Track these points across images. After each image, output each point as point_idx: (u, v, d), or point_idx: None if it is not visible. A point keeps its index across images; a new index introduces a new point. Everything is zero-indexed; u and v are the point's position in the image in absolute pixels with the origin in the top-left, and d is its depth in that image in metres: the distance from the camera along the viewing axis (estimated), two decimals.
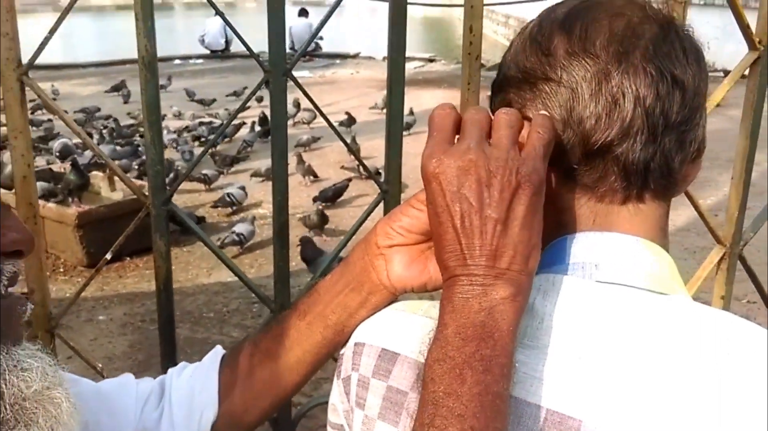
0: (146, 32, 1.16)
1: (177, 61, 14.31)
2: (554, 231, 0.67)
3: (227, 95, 9.51)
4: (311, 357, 0.82)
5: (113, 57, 13.14)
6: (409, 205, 0.73)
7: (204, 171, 5.83)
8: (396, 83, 1.29)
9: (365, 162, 1.74)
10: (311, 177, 6.11)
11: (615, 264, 0.64)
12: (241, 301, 3.71)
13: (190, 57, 14.58)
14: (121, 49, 11.79)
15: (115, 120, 7.61)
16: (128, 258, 4.12)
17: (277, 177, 1.28)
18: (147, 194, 1.27)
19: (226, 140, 7.35)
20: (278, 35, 1.23)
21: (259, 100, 7.66)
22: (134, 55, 1.18)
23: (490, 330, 0.57)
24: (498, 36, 19.01)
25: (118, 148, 6.37)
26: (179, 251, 4.34)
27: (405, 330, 0.70)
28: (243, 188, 5.45)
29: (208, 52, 14.73)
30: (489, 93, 0.74)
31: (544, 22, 0.67)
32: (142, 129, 7.10)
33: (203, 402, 0.85)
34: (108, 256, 1.39)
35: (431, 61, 13.69)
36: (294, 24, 12.83)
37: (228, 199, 5.23)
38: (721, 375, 0.56)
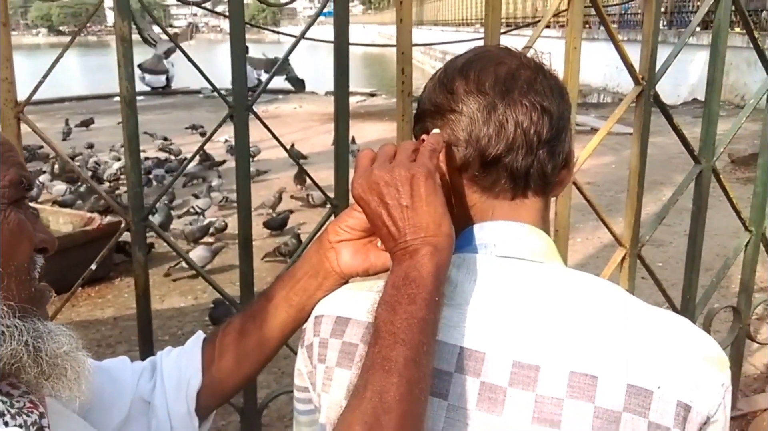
0: (127, 76, 1.36)
1: (116, 98, 14.27)
2: (464, 223, 0.88)
3: (186, 128, 9.73)
4: (278, 332, 1.01)
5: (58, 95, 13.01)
6: (352, 209, 0.94)
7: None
8: (342, 114, 1.52)
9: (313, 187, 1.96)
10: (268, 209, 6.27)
11: (507, 243, 0.85)
12: (195, 324, 3.83)
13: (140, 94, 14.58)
14: (62, 87, 11.68)
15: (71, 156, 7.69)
16: (80, 288, 4.18)
17: (242, 195, 1.49)
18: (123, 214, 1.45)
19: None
20: (240, 74, 1.45)
21: (202, 134, 7.83)
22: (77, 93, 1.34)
23: (413, 276, 0.76)
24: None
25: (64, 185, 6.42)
26: (130, 281, 4.41)
27: (353, 301, 0.90)
28: (209, 195, 5.53)
29: (148, 89, 14.72)
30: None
31: (448, 69, 0.90)
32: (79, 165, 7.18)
33: (189, 374, 1.01)
34: (80, 281, 1.53)
35: (372, 95, 14.06)
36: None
37: (193, 210, 5.34)
38: (572, 309, 0.79)
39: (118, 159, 8.17)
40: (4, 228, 0.75)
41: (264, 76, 13.56)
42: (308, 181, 6.24)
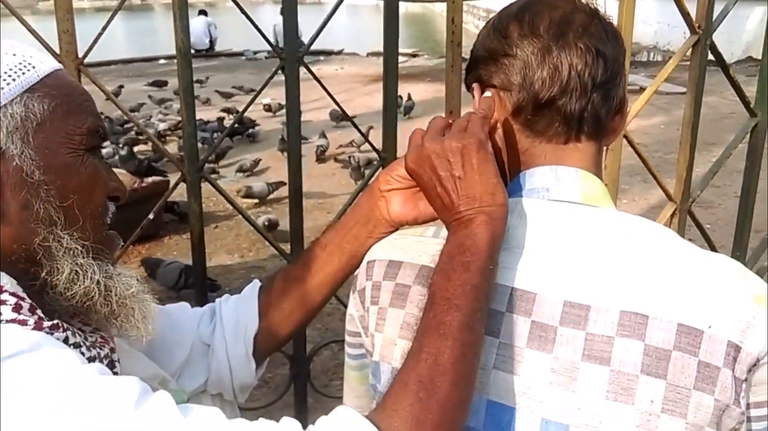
0: (182, 28, 1.39)
1: (162, 61, 14.40)
2: (516, 168, 0.89)
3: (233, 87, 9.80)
4: (331, 279, 1.05)
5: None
6: (402, 158, 0.95)
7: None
8: (391, 70, 1.53)
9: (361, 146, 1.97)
10: None
11: (560, 187, 0.86)
12: (241, 281, 3.93)
13: (173, 56, 14.67)
14: (106, 50, 11.86)
15: (108, 118, 7.78)
16: (131, 246, 4.31)
17: (293, 148, 1.52)
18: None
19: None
20: (292, 29, 1.47)
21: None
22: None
23: (468, 245, 0.78)
24: (479, 30, 19.30)
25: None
26: (179, 239, 4.56)
27: (404, 246, 0.93)
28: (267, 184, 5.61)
29: (192, 51, 14.83)
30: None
31: (502, 15, 0.91)
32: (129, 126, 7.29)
33: (247, 318, 1.06)
34: (133, 237, 1.58)
35: (414, 56, 13.91)
36: (277, 22, 13.01)
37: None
38: (623, 250, 0.80)
39: (163, 120, 8.33)
40: (81, 172, 0.79)
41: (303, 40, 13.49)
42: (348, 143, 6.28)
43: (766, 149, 1.99)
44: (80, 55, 1.40)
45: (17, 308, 0.71)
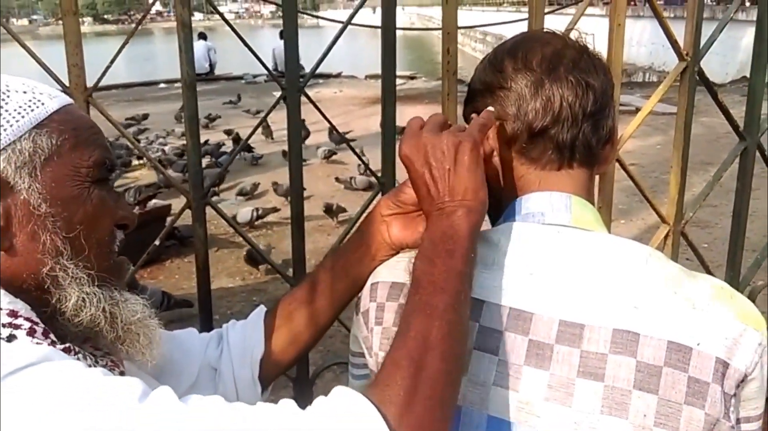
0: (187, 61, 1.44)
1: (162, 85, 14.53)
2: (512, 194, 0.94)
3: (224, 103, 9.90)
4: (336, 302, 1.08)
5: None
6: (402, 185, 1.00)
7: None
8: (388, 95, 1.58)
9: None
10: None
11: (553, 212, 0.90)
12: (244, 304, 3.96)
13: (175, 81, 14.80)
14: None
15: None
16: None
17: (295, 171, 1.56)
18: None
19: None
20: (293, 58, 1.52)
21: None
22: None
23: (451, 234, 0.83)
24: (476, 53, 19.48)
25: None
26: (180, 262, 4.60)
27: (405, 268, 0.95)
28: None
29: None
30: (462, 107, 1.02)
31: (497, 51, 0.96)
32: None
33: (253, 343, 1.09)
34: (140, 262, 1.61)
35: (412, 78, 14.06)
36: (276, 46, 13.13)
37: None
38: (615, 271, 0.85)
39: (164, 146, 8.38)
40: (87, 204, 0.82)
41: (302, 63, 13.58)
42: (348, 165, 6.35)
43: (766, 169, 2.04)
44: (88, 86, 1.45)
45: (31, 333, 0.74)
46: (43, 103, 0.81)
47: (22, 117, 0.79)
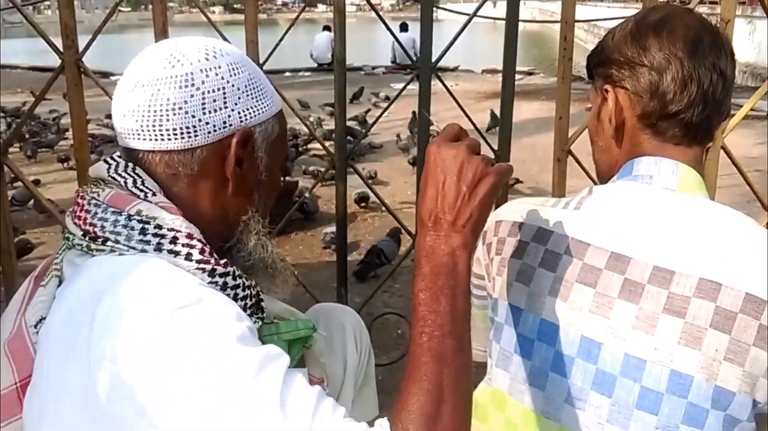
0: (341, 41, 1.71)
1: (287, 74, 15.13)
2: (627, 157, 1.02)
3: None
4: None
5: None
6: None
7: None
8: (507, 88, 1.79)
9: None
10: None
11: (661, 176, 0.98)
12: (352, 276, 4.25)
13: (299, 70, 15.36)
14: None
15: None
16: None
17: (421, 144, 1.81)
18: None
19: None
20: (427, 41, 1.76)
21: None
22: None
23: (452, 268, 0.84)
24: (585, 43, 18.96)
25: None
26: (304, 235, 4.94)
27: (525, 211, 1.07)
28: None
29: (315, 65, 15.47)
30: (588, 64, 1.07)
31: (640, 26, 0.99)
32: None
33: None
34: (277, 227, 1.83)
35: (530, 74, 13.90)
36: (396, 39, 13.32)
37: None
38: (708, 228, 0.93)
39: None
40: (277, 183, 1.06)
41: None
42: None
43: None
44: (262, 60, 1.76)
45: (202, 252, 0.88)
46: (274, 97, 1.01)
47: (273, 102, 0.99)
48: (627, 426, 0.92)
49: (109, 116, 1.21)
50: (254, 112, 0.95)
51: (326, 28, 15.89)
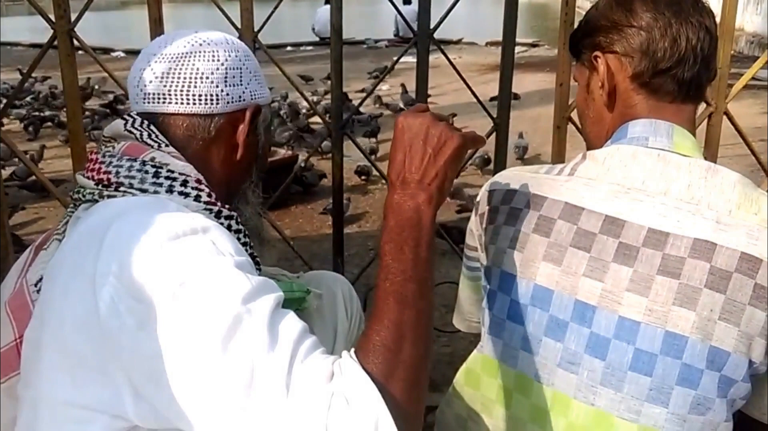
0: (336, 10, 1.68)
1: (288, 48, 15.04)
2: (620, 120, 1.04)
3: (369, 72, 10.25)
4: None
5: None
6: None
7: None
8: (507, 56, 1.76)
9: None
10: None
11: (656, 137, 0.99)
12: (359, 248, 4.23)
13: (300, 44, 15.25)
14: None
15: None
16: None
17: None
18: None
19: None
20: (425, 8, 1.73)
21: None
22: None
23: (417, 221, 0.88)
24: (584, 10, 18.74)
25: None
26: (304, 208, 4.93)
27: (519, 179, 1.08)
28: None
29: (317, 39, 15.36)
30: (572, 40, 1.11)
31: None
32: None
33: None
34: (270, 200, 1.87)
35: (534, 45, 13.76)
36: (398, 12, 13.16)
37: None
38: (703, 189, 0.93)
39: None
40: (265, 161, 1.19)
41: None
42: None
43: None
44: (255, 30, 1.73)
45: (210, 195, 1.00)
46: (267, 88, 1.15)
47: (268, 92, 1.13)
48: (621, 388, 0.92)
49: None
50: (259, 94, 1.09)
51: (328, 1, 15.73)
